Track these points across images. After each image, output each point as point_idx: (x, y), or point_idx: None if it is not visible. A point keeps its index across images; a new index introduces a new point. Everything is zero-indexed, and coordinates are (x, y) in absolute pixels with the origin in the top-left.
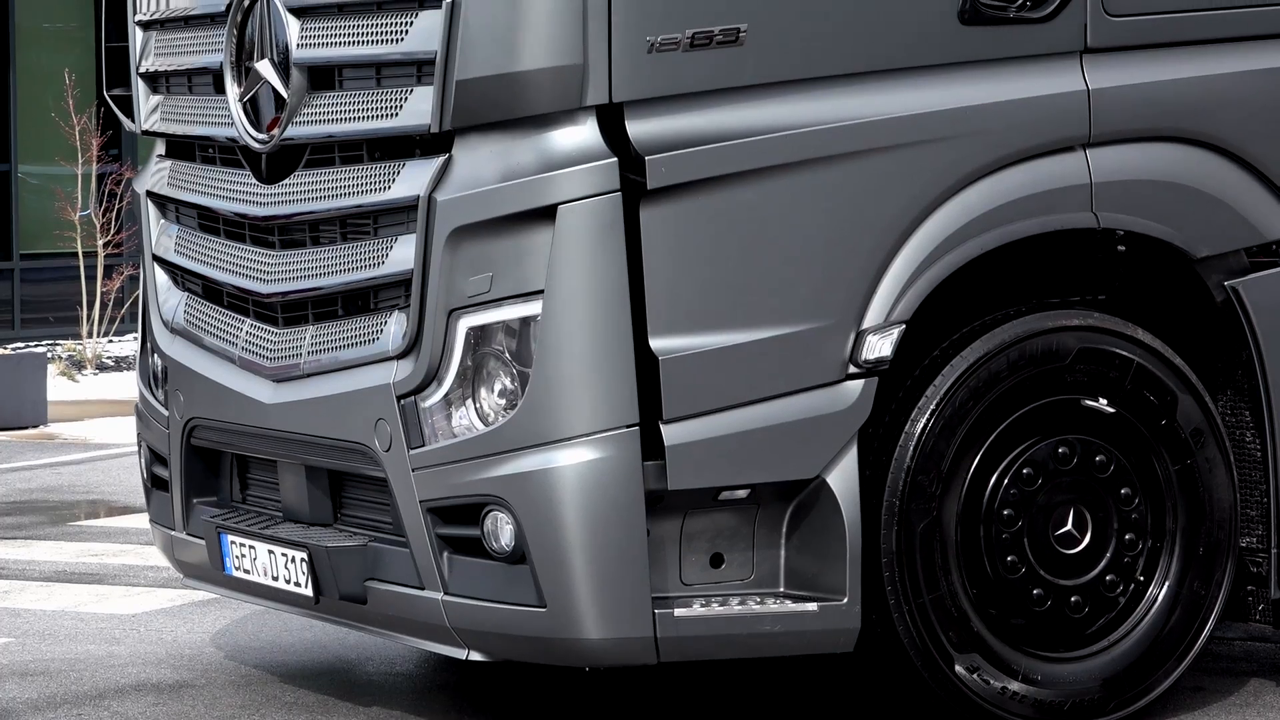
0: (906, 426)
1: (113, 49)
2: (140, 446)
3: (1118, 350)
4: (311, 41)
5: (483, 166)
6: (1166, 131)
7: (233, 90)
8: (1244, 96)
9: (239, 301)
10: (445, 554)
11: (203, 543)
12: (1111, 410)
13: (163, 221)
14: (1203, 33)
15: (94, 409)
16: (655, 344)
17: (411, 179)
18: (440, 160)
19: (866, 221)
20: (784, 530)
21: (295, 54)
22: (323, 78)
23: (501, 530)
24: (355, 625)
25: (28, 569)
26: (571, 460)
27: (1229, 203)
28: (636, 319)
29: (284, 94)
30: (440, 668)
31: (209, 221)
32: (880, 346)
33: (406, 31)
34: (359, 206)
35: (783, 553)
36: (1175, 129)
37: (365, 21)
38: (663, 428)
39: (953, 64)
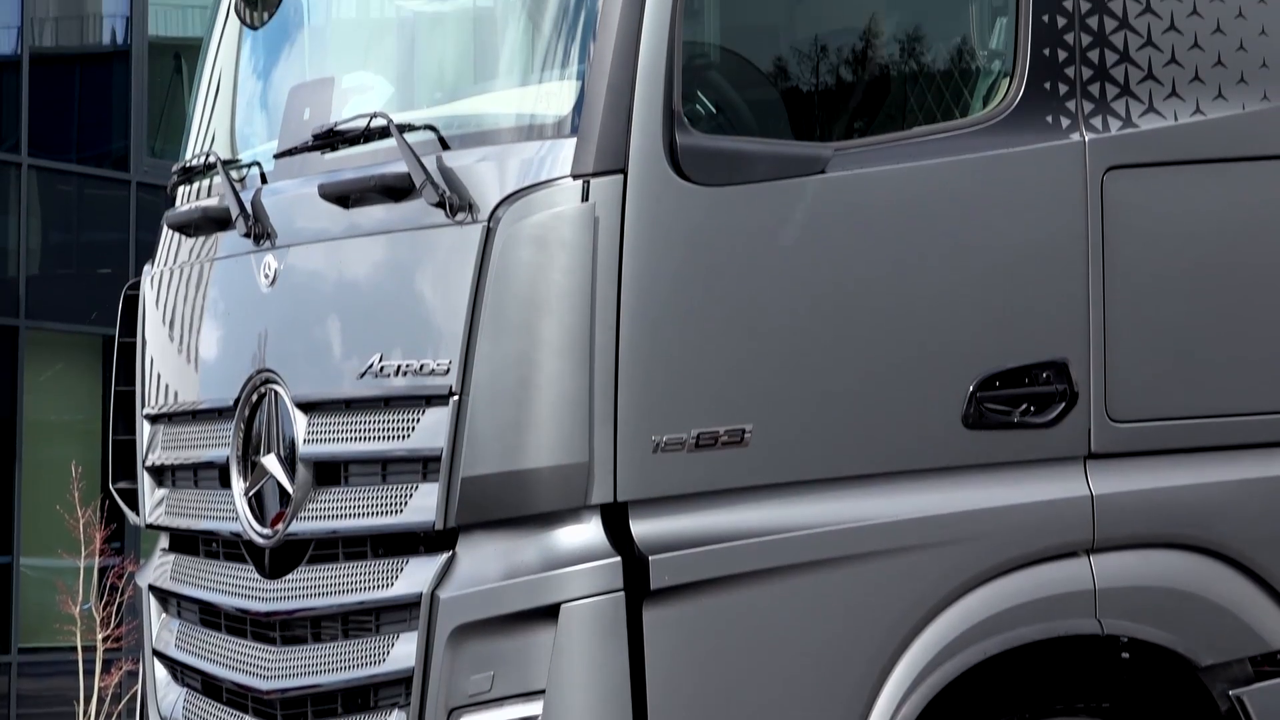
0: None
1: (120, 442)
2: None
3: None
4: (318, 437)
5: (486, 564)
6: (1170, 538)
7: (238, 485)
8: (1248, 505)
9: (238, 698)
10: None
11: None
12: None
13: (164, 616)
14: (1207, 440)
15: None
16: None
17: (415, 576)
18: (444, 557)
19: (870, 626)
20: None
21: (302, 449)
22: (328, 473)
23: None
24: None
25: None
26: None
27: (1233, 611)
28: (638, 718)
29: (289, 489)
30: None
31: (210, 616)
32: None
33: (413, 428)
34: (361, 603)
35: None
36: (1179, 536)
37: (372, 418)
38: None
39: (956, 468)
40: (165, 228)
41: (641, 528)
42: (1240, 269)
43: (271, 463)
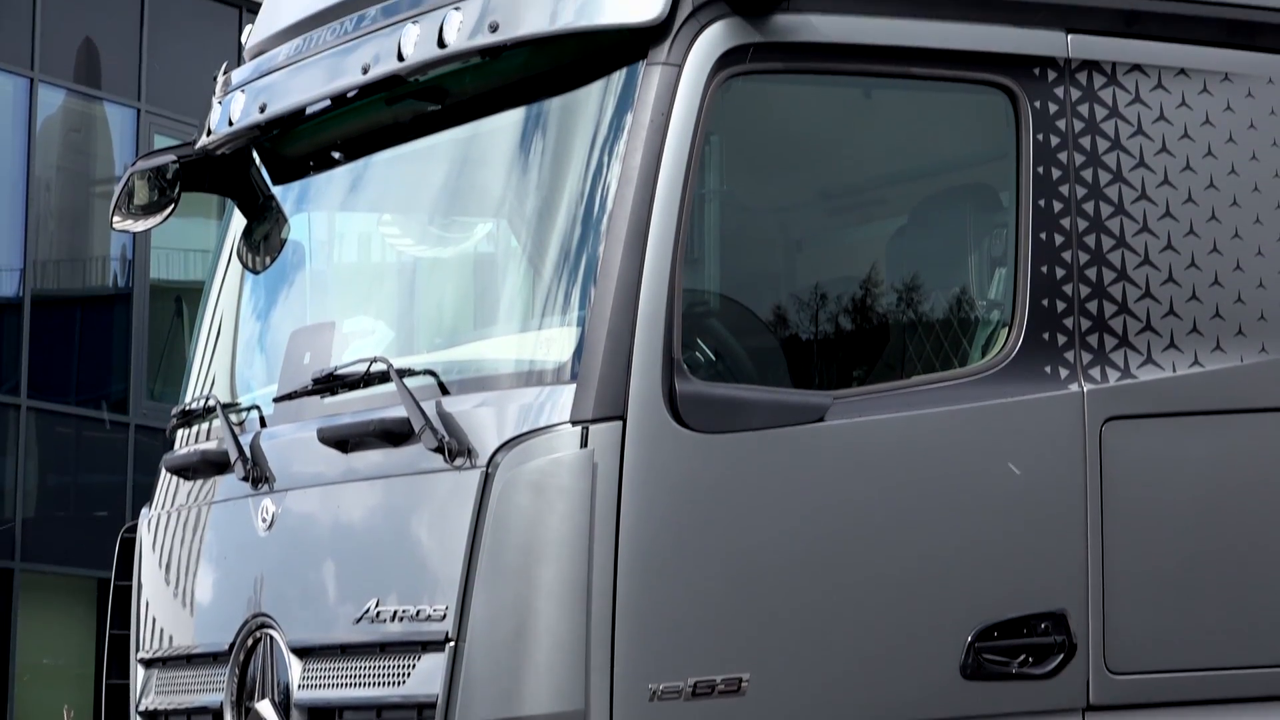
0: None
1: (113, 686)
2: None
3: None
4: (313, 683)
5: None
6: None
7: None
8: None
9: None
10: None
11: None
12: None
13: None
14: (1205, 693)
15: None
16: None
17: None
18: None
19: None
20: None
21: (296, 695)
22: (323, 719)
23: None
24: None
25: None
26: None
27: None
28: None
29: None
30: None
31: None
32: None
33: (409, 674)
34: None
35: None
36: None
37: (368, 663)
38: None
39: (954, 719)
40: (163, 471)
41: None
42: (1239, 521)
43: (266, 709)
